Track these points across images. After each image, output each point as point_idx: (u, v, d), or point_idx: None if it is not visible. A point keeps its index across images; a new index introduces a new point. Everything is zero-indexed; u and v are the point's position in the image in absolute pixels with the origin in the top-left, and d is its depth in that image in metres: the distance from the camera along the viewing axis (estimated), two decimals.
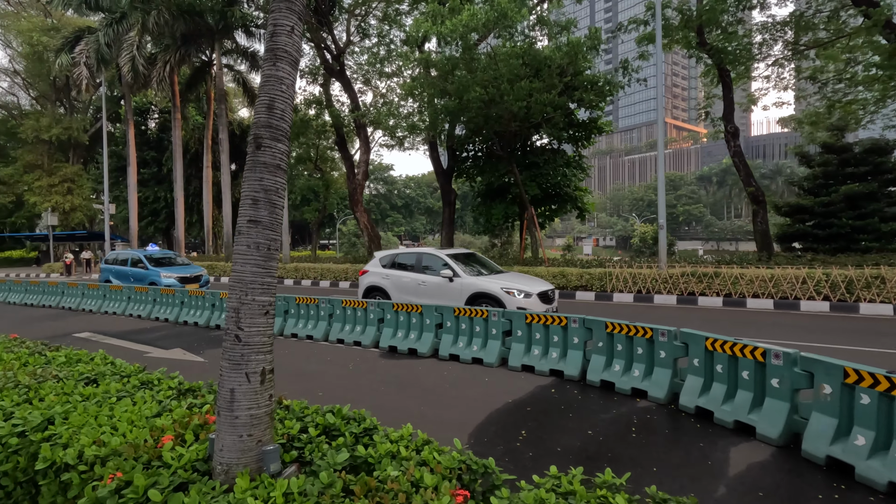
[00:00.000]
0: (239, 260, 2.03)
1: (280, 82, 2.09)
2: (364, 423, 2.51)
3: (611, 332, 5.94)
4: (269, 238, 2.08)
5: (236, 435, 1.93)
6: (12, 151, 40.86)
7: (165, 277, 14.96)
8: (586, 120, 20.69)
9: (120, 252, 17.07)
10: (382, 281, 10.28)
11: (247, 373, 1.97)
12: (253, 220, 2.02)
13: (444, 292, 9.26)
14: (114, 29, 24.28)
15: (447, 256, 9.72)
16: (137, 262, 15.91)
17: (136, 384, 3.23)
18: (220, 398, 2.01)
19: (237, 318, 1.99)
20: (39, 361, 3.92)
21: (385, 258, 10.64)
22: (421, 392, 5.91)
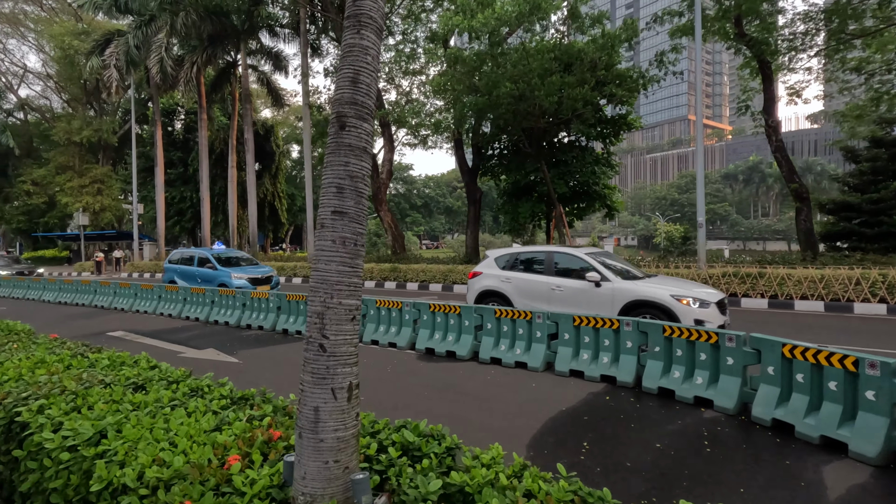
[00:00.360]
0: (322, 258, 1.77)
1: (365, 52, 1.82)
2: (445, 442, 2.23)
3: (669, 336, 5.57)
4: (355, 232, 1.81)
5: (321, 461, 1.67)
6: (45, 153, 41.96)
7: (236, 279, 13.71)
8: (615, 116, 20.16)
9: (185, 251, 15.95)
10: (502, 285, 8.76)
11: (333, 388, 1.72)
12: (338, 210, 1.76)
13: (588, 300, 7.67)
14: (143, 31, 24.60)
15: (590, 257, 8.11)
16: (205, 262, 14.73)
17: (186, 391, 3.02)
18: (301, 417, 1.75)
19: (322, 325, 1.73)
20: (83, 364, 3.75)
21: (503, 258, 9.12)
22: (466, 397, 5.63)
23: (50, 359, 3.88)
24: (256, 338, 9.51)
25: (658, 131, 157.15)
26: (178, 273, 15.28)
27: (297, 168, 55.34)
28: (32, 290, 17.65)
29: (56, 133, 38.76)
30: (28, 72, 44.92)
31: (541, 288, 8.31)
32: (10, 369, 3.54)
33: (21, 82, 45.93)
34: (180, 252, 16.08)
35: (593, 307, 7.54)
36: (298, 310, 9.82)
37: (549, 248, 8.73)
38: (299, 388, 1.86)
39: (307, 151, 22.51)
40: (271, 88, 31.57)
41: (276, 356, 7.98)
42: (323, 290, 1.76)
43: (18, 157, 41.06)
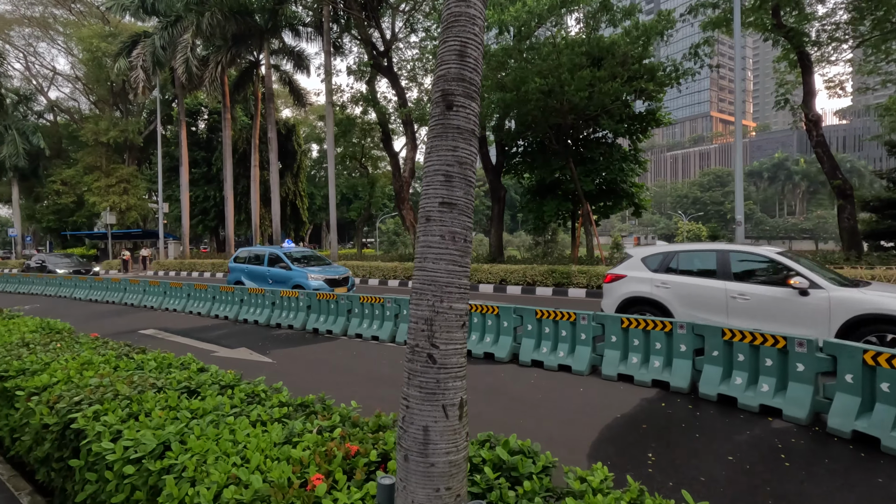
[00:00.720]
0: (430, 255, 1.56)
1: (472, 22, 1.60)
2: (540, 460, 2.01)
3: (729, 341, 5.25)
4: (464, 226, 1.60)
5: (431, 488, 1.47)
6: (73, 154, 42.92)
7: (313, 279, 12.41)
8: (643, 112, 19.68)
9: (253, 249, 14.76)
10: (657, 291, 7.20)
11: (444, 405, 1.51)
12: (447, 201, 1.54)
13: (792, 312, 6.08)
14: (168, 32, 24.89)
15: (784, 257, 6.56)
16: (277, 261, 13.51)
17: (243, 397, 2.84)
18: (406, 438, 1.54)
19: (430, 333, 1.52)
20: (130, 366, 3.62)
21: (653, 258, 7.53)
22: (512, 402, 5.39)
23: (96, 360, 3.77)
24: (287, 337, 9.42)
25: (679, 128, 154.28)
26: (246, 273, 14.12)
27: (315, 167, 55.67)
28: (64, 287, 17.95)
29: (84, 134, 39.62)
30: (57, 74, 46.02)
31: (714, 295, 6.74)
32: (57, 370, 3.43)
33: (51, 85, 47.11)
34: (248, 250, 14.90)
35: (799, 321, 5.99)
36: (329, 309, 9.70)
37: (723, 247, 7.12)
38: (401, 402, 1.64)
39: (330, 150, 22.50)
40: (293, 88, 31.70)
41: (309, 356, 7.85)
42: (431, 292, 1.55)
43: (49, 158, 42.06)
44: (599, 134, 20.54)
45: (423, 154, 37.05)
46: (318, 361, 7.47)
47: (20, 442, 3.30)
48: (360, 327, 9.06)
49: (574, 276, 15.15)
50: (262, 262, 13.91)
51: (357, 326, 9.12)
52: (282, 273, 13.14)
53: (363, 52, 24.63)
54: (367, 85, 24.58)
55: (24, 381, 3.31)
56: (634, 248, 8.21)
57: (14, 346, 4.34)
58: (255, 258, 14.26)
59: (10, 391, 3.36)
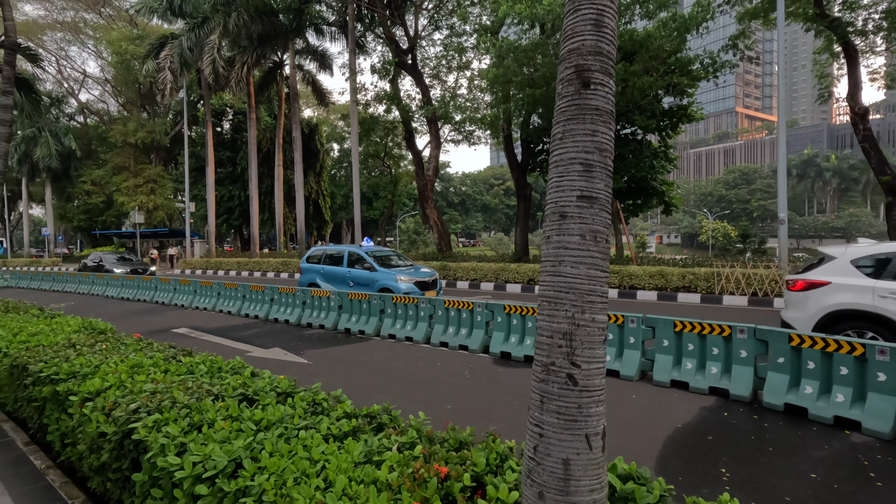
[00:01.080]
0: (567, 258, 1.34)
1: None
2: (656, 488, 1.78)
3: (797, 347, 4.92)
4: (605, 223, 1.38)
5: None
6: (103, 155, 43.94)
7: (402, 282, 11.19)
8: (673, 107, 19.11)
9: (328, 248, 13.51)
10: (883, 304, 5.55)
11: (587, 434, 1.30)
12: (587, 195, 1.32)
13: None
14: (195, 33, 25.18)
15: None
16: (358, 262, 12.24)
17: (304, 406, 2.67)
18: (541, 472, 1.34)
19: (570, 349, 1.31)
20: (181, 370, 3.50)
21: (872, 260, 5.89)
22: None
23: (146, 363, 3.65)
24: (319, 337, 9.32)
25: (703, 125, 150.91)
26: (323, 274, 12.74)
27: (335, 167, 55.97)
28: (97, 285, 18.27)
29: (113, 135, 40.52)
30: (87, 77, 47.21)
31: None
32: (108, 374, 3.32)
33: (81, 87, 48.35)
34: (323, 249, 13.54)
35: None
36: (361, 309, 9.57)
37: None
38: (530, 428, 1.43)
39: (354, 148, 22.47)
40: (316, 87, 31.82)
41: (344, 357, 7.72)
42: (570, 301, 1.33)
43: (79, 159, 43.16)
44: (628, 130, 20.04)
45: (445, 153, 36.75)
46: (355, 363, 7.33)
47: (72, 449, 3.20)
48: (394, 328, 8.91)
49: None
50: (340, 262, 12.62)
51: (390, 327, 8.97)
52: (365, 275, 11.89)
53: (386, 50, 24.56)
54: (390, 83, 24.49)
55: (76, 385, 3.20)
56: (835, 248, 6.52)
57: (61, 347, 4.28)
58: (331, 258, 12.96)
59: (62, 395, 3.26)
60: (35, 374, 3.68)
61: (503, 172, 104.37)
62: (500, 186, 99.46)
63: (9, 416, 4.66)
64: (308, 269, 13.28)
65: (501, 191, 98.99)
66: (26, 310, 7.32)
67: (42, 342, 4.57)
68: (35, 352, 4.18)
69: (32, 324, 5.64)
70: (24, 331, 5.13)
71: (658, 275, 13.72)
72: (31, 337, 4.77)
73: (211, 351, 7.62)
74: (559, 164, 1.40)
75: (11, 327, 5.47)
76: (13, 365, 4.15)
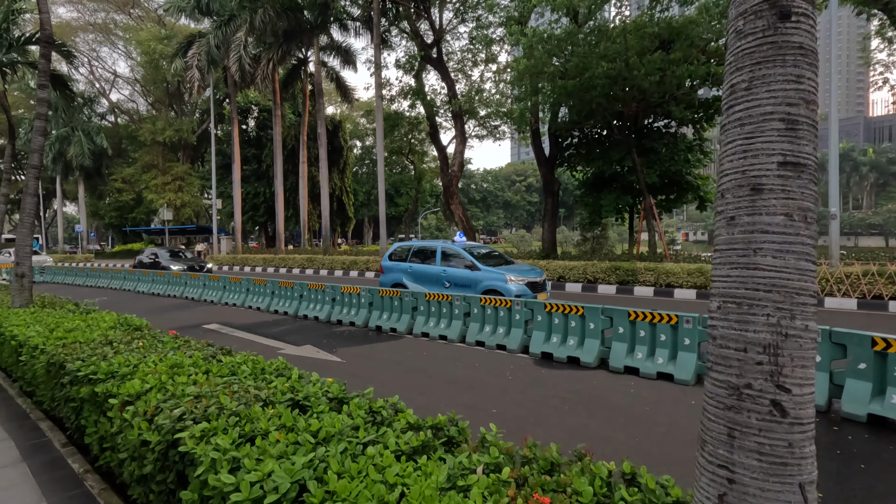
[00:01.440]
0: (766, 245, 1.02)
1: None
2: None
3: (882, 351, 4.47)
4: (815, 198, 1.05)
5: None
6: (133, 153, 44.90)
7: (513, 283, 9.61)
8: (709, 98, 18.39)
9: (415, 244, 11.82)
10: None
11: (801, 483, 0.99)
12: (791, 160, 0.98)
13: None
14: (222, 31, 25.35)
15: None
16: (454, 258, 10.71)
17: (363, 415, 2.40)
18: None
19: (775, 367, 0.98)
20: (223, 371, 3.28)
21: None
22: (616, 415, 4.80)
23: (185, 362, 3.45)
24: (350, 334, 9.13)
25: None
26: (410, 273, 11.20)
27: (356, 164, 56.13)
28: (128, 281, 18.53)
29: (142, 134, 41.33)
30: (118, 77, 48.28)
31: None
32: (148, 375, 3.12)
33: (112, 87, 49.50)
34: (407, 245, 11.94)
35: None
36: (392, 306, 9.34)
37: None
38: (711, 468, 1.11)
39: (379, 143, 22.31)
40: (340, 84, 31.79)
41: (378, 356, 7.49)
42: (773, 303, 1.00)
43: (110, 158, 44.19)
44: (661, 123, 19.41)
45: (468, 149, 36.63)
46: (390, 362, 7.09)
47: (112, 454, 3.01)
48: (427, 326, 8.65)
49: (640, 274, 14.26)
50: (431, 259, 11.08)
51: (423, 325, 8.71)
52: (464, 274, 10.34)
53: (411, 45, 24.32)
54: (414, 78, 24.25)
55: (115, 387, 3.01)
56: None
57: (98, 345, 4.13)
58: (420, 255, 11.38)
59: (101, 397, 3.08)
60: (72, 373, 3.51)
61: (525, 169, 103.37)
62: (521, 183, 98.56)
63: (46, 414, 4.55)
64: (392, 267, 11.69)
65: (523, 187, 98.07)
66: (62, 305, 7.29)
67: (79, 339, 4.44)
68: (72, 349, 4.03)
69: (68, 319, 5.55)
70: (61, 327, 5.03)
71: (697, 272, 13.15)
72: (68, 333, 4.65)
73: (242, 348, 7.50)
74: (746, 122, 1.07)
75: (48, 323, 5.38)
76: (50, 363, 4.01)
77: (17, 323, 5.49)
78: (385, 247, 24.01)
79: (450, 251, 10.92)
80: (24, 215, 7.22)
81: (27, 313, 6.13)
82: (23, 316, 5.91)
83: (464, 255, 10.55)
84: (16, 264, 7.14)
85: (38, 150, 7.19)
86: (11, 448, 3.78)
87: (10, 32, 9.91)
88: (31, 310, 6.52)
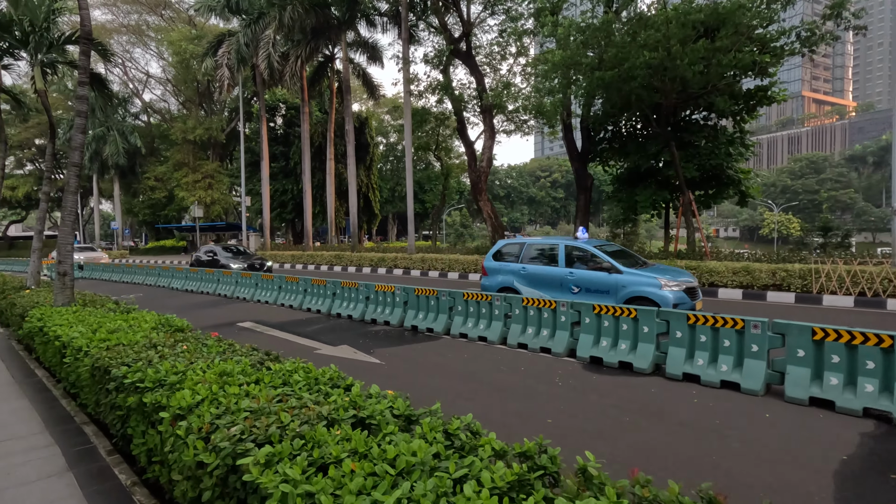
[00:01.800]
0: None
1: None
2: None
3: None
4: None
5: None
6: (165, 152, 45.92)
7: (669, 289, 7.90)
8: (752, 89, 17.56)
9: (529, 240, 9.99)
10: None
11: None
12: None
13: None
14: (252, 29, 25.53)
15: None
16: (584, 260, 8.89)
17: (441, 439, 2.13)
18: None
19: None
20: (275, 381, 3.06)
21: None
22: (683, 428, 4.43)
23: (234, 370, 3.24)
24: (386, 334, 8.92)
25: (764, 110, 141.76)
26: (525, 276, 9.43)
27: (380, 161, 56.19)
28: (163, 277, 18.82)
29: (174, 133, 42.22)
30: (150, 77, 49.37)
31: None
32: (197, 384, 2.92)
33: (144, 88, 50.67)
34: (519, 243, 10.06)
35: None
36: (428, 305, 9.09)
37: None
38: None
39: (408, 139, 22.12)
40: (366, 80, 31.73)
41: (417, 357, 7.26)
42: None
43: (144, 156, 45.29)
44: (700, 115, 18.66)
45: (497, 144, 36.30)
46: (430, 365, 6.84)
47: (161, 469, 2.82)
48: (465, 326, 8.37)
49: None
50: (552, 259, 9.32)
51: (461, 325, 8.44)
52: (601, 278, 8.51)
53: (438, 40, 24.03)
54: (442, 73, 23.94)
55: (165, 398, 2.82)
56: None
57: (142, 348, 3.98)
58: (538, 255, 9.59)
59: (150, 408, 2.89)
60: (118, 379, 3.36)
61: (550, 164, 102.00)
62: (546, 179, 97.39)
63: (90, 417, 4.45)
64: (498, 269, 9.89)
65: (548, 183, 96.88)
66: (102, 304, 7.28)
67: (122, 341, 4.31)
68: (116, 352, 3.90)
69: (110, 319, 5.47)
70: (103, 327, 4.93)
71: (743, 271, 12.52)
72: (111, 335, 4.54)
73: (278, 347, 7.35)
74: None
75: (90, 323, 5.31)
76: (94, 367, 3.88)
77: (61, 323, 5.43)
78: (413, 244, 23.84)
79: (578, 250, 9.10)
80: (66, 213, 7.23)
81: (69, 312, 6.10)
82: (65, 315, 5.87)
83: (598, 255, 8.72)
84: (57, 262, 7.15)
85: (78, 147, 7.17)
86: (58, 455, 3.66)
87: (51, 32, 10.00)
88: (73, 308, 6.50)
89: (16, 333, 8.18)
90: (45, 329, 5.49)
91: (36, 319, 6.04)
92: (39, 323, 5.84)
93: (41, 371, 6.34)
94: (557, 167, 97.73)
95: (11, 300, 8.30)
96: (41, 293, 8.46)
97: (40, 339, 5.82)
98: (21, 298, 7.96)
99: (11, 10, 9.69)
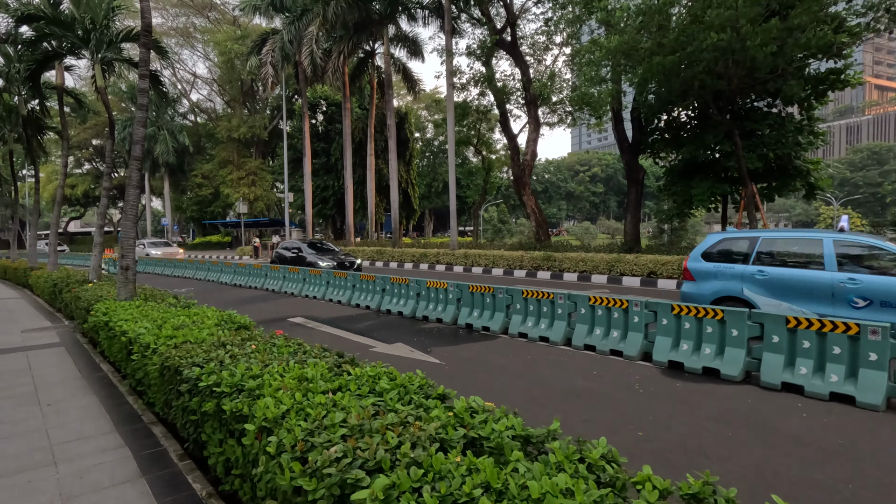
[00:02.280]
0: None
1: None
2: None
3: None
4: None
5: None
6: (210, 150, 47.33)
7: None
8: (824, 72, 16.21)
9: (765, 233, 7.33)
10: None
11: None
12: None
13: None
14: (295, 26, 25.77)
15: None
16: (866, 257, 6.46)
17: (585, 473, 1.75)
18: None
19: None
20: (362, 390, 2.76)
21: None
22: (800, 448, 3.88)
23: (313, 375, 2.96)
24: (440, 332, 8.62)
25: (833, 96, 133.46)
26: (763, 282, 6.86)
27: (417, 156, 56.09)
28: (212, 272, 19.23)
29: (219, 131, 43.40)
30: (197, 78, 50.94)
31: None
32: (279, 391, 2.64)
33: (192, 88, 52.33)
34: (747, 237, 7.47)
35: None
36: (483, 303, 8.72)
37: None
38: None
39: (451, 133, 21.77)
40: (407, 75, 31.56)
41: (478, 358, 6.90)
42: None
43: (191, 154, 46.83)
44: (764, 102, 17.43)
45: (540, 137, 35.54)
46: (493, 366, 6.47)
47: (242, 484, 2.56)
48: (524, 326, 7.96)
49: None
50: (809, 259, 6.85)
51: (520, 324, 8.03)
52: None
53: (480, 32, 23.50)
54: (484, 65, 23.41)
55: (246, 406, 2.56)
56: None
57: (210, 347, 3.79)
58: (779, 252, 7.21)
59: (229, 415, 2.64)
60: (191, 381, 3.15)
61: (589, 158, 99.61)
62: (585, 173, 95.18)
63: (157, 417, 4.32)
64: (714, 272, 7.42)
65: (587, 177, 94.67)
66: (163, 298, 7.27)
67: (189, 338, 4.14)
68: (184, 350, 3.71)
69: (173, 314, 5.37)
70: (168, 323, 4.81)
71: None
72: (176, 331, 4.38)
73: (332, 344, 7.15)
74: None
75: (154, 318, 5.21)
76: (164, 366, 3.71)
77: (126, 318, 5.37)
78: (456, 239, 23.49)
79: (858, 246, 6.60)
80: (128, 207, 7.25)
81: (133, 307, 6.06)
82: (129, 310, 5.83)
83: (886, 250, 6.15)
84: (120, 256, 7.19)
85: (139, 141, 7.17)
86: (129, 458, 3.50)
87: (110, 30, 10.17)
88: (136, 303, 6.48)
89: (80, 326, 8.33)
90: (110, 324, 5.45)
91: (101, 314, 6.04)
92: (105, 317, 5.82)
93: (106, 365, 6.35)
94: (597, 161, 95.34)
95: (76, 294, 8.46)
96: (104, 287, 8.59)
97: (105, 334, 5.80)
98: (85, 292, 8.09)
99: (73, 10, 9.92)
